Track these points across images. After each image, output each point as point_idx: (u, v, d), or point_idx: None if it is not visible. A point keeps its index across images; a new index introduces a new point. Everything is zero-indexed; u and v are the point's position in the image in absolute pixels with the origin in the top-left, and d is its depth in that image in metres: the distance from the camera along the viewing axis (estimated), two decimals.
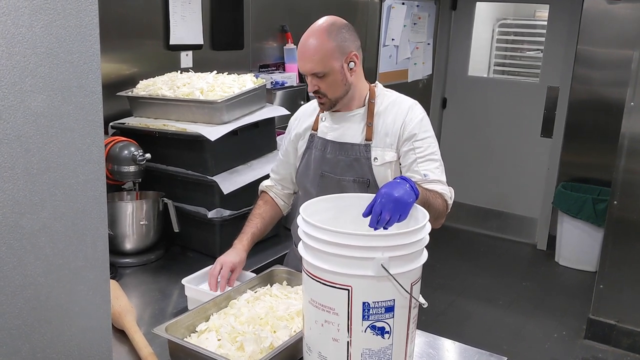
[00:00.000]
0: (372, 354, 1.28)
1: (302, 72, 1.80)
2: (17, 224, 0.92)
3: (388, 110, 1.85)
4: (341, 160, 1.85)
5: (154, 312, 1.83)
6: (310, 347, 1.36)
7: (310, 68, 1.75)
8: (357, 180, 1.83)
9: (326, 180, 1.87)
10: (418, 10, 4.68)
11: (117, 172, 2.11)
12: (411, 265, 1.28)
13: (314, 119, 1.94)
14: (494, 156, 5.12)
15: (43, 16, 0.90)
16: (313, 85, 1.78)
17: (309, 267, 1.32)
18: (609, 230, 3.42)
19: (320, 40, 1.73)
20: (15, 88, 0.88)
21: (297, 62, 1.83)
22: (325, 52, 1.73)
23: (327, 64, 1.73)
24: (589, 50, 4.38)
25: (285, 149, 2.02)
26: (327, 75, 1.75)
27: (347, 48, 1.76)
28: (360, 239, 1.24)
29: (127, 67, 2.49)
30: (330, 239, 1.25)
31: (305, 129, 1.95)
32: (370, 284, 1.24)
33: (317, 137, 1.91)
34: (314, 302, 1.31)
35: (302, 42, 1.77)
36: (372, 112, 1.85)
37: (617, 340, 3.44)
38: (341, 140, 1.86)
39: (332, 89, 1.78)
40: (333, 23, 1.77)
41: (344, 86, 1.79)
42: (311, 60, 1.74)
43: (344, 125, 1.87)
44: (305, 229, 1.32)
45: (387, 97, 1.88)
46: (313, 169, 1.91)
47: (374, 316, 1.26)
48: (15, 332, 0.94)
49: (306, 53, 1.75)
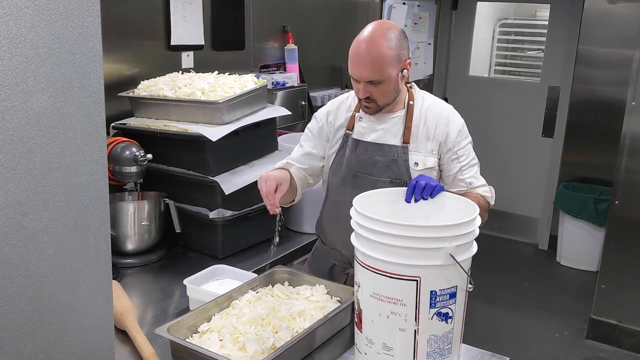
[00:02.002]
0: (437, 339, 1.34)
1: (357, 78, 1.74)
2: (19, 224, 0.92)
3: (428, 113, 1.84)
4: (378, 161, 1.84)
5: (155, 313, 1.83)
6: (372, 339, 1.37)
7: (368, 75, 1.71)
8: (394, 182, 1.82)
9: (360, 180, 1.85)
10: (419, 10, 4.68)
11: (119, 173, 2.11)
12: (470, 252, 1.36)
13: (348, 118, 1.91)
14: (495, 156, 5.11)
15: (45, 16, 0.91)
16: (365, 92, 1.74)
17: (373, 262, 1.34)
18: (611, 230, 3.41)
19: (380, 47, 1.68)
20: (18, 88, 0.88)
21: (349, 67, 1.74)
22: (385, 61, 1.69)
23: (385, 72, 1.70)
24: (590, 50, 4.38)
25: (314, 141, 1.95)
26: (383, 83, 1.72)
27: (404, 56, 1.75)
28: (429, 230, 1.29)
29: (128, 67, 2.49)
30: (400, 232, 1.28)
31: (339, 126, 1.92)
32: (437, 273, 1.30)
33: (352, 138, 1.88)
34: (378, 295, 1.34)
35: (359, 48, 1.71)
36: (411, 114, 1.84)
37: (619, 340, 3.44)
38: (380, 142, 1.84)
39: (384, 96, 1.76)
40: (390, 29, 1.72)
41: (395, 93, 1.78)
42: (370, 68, 1.70)
43: (384, 127, 1.85)
44: (370, 226, 1.33)
45: (425, 99, 1.88)
46: (345, 169, 1.89)
47: (440, 303, 1.32)
48: (18, 333, 0.95)
49: (364, 60, 1.69)
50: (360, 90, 1.76)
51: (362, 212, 1.36)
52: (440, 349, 1.34)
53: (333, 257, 2.02)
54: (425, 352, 1.34)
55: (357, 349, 1.44)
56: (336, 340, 1.65)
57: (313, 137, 1.97)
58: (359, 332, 1.41)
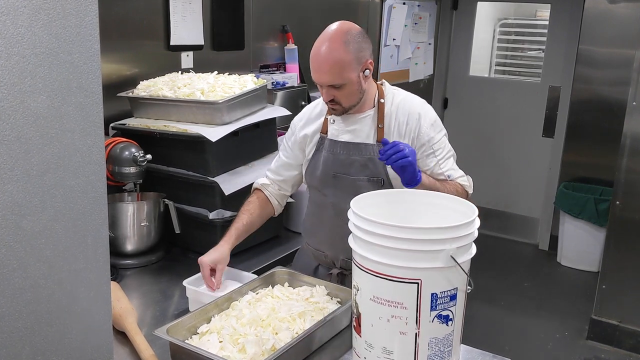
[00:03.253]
0: (437, 342, 1.33)
1: (318, 84, 1.75)
2: (17, 225, 0.91)
3: (399, 110, 1.83)
4: (356, 160, 1.84)
5: (155, 314, 1.82)
6: (372, 343, 1.36)
7: (328, 80, 1.70)
8: (371, 180, 1.82)
9: (340, 180, 1.86)
10: (419, 10, 4.68)
11: (118, 173, 2.10)
12: (469, 253, 1.35)
13: (321, 122, 1.92)
14: (495, 156, 5.12)
15: (43, 16, 0.90)
16: (329, 95, 1.74)
17: (372, 265, 1.32)
18: (612, 231, 3.41)
19: (337, 51, 1.68)
20: (15, 89, 0.88)
21: (311, 71, 1.75)
22: (344, 65, 1.68)
23: (344, 76, 1.70)
24: (591, 50, 4.37)
25: (289, 151, 1.99)
26: (344, 87, 1.72)
27: (364, 57, 1.73)
28: (431, 232, 1.28)
29: (127, 67, 2.48)
30: (402, 235, 1.27)
31: (313, 132, 1.92)
32: (438, 275, 1.29)
33: (327, 139, 1.89)
34: (378, 299, 1.32)
35: (317, 52, 1.71)
36: (382, 113, 1.83)
37: (620, 340, 3.43)
38: (355, 141, 1.85)
39: (348, 98, 1.76)
40: (348, 31, 1.71)
41: (359, 94, 1.78)
42: (329, 73, 1.69)
43: (356, 127, 1.85)
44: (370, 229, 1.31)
45: (395, 95, 1.87)
46: (322, 170, 1.89)
47: (441, 305, 1.31)
48: (15, 335, 0.94)
49: (323, 65, 1.69)
50: (323, 94, 1.76)
51: (361, 215, 1.34)
52: (440, 351, 1.34)
53: (317, 258, 2.01)
54: (426, 355, 1.33)
55: (355, 353, 1.43)
56: (336, 341, 1.64)
57: (289, 147, 1.99)
58: (358, 336, 1.40)
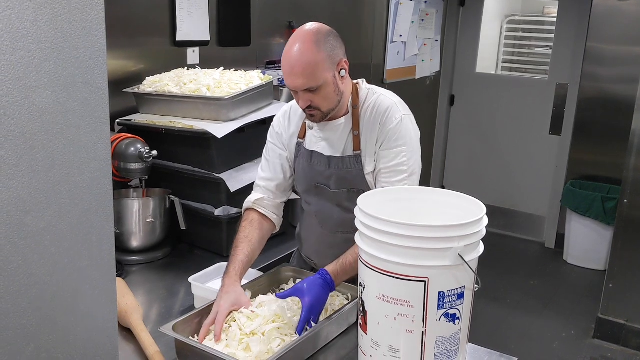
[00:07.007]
0: (444, 341, 1.32)
1: (292, 89, 1.63)
2: (21, 222, 0.90)
3: (369, 114, 1.71)
4: (334, 174, 1.74)
5: (160, 311, 1.82)
6: (378, 341, 1.35)
7: (303, 84, 1.59)
8: (351, 191, 1.74)
9: (321, 190, 1.79)
10: (426, 6, 4.65)
11: (124, 170, 2.10)
12: (477, 251, 1.33)
13: (300, 125, 1.81)
14: (502, 154, 5.09)
15: (48, 10, 0.89)
16: (306, 101, 1.62)
17: (379, 263, 1.31)
18: (619, 229, 3.38)
19: (309, 52, 1.57)
20: (20, 84, 0.87)
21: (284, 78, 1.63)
22: (317, 66, 1.57)
23: (319, 77, 1.59)
24: (599, 47, 4.34)
25: (274, 151, 1.86)
26: (321, 89, 1.60)
27: (337, 56, 1.62)
28: (439, 230, 1.26)
29: (133, 63, 2.48)
30: (409, 233, 1.26)
31: (292, 134, 1.83)
32: (445, 273, 1.28)
33: (303, 147, 1.79)
34: (385, 297, 1.31)
35: (288, 57, 1.59)
36: (357, 119, 1.71)
37: (627, 339, 3.41)
38: (329, 154, 1.74)
39: (326, 102, 1.64)
40: (318, 31, 1.60)
41: (337, 96, 1.66)
42: (302, 76, 1.58)
43: (330, 135, 1.74)
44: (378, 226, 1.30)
45: (368, 97, 1.74)
46: (304, 180, 1.81)
47: (448, 304, 1.29)
48: (20, 332, 0.93)
49: (295, 69, 1.58)
50: (300, 100, 1.64)
51: (368, 212, 1.33)
52: (447, 350, 1.32)
53: (307, 266, 1.96)
54: (432, 354, 1.32)
55: (361, 351, 1.43)
56: (342, 339, 1.63)
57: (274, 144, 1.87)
58: (364, 334, 1.39)
